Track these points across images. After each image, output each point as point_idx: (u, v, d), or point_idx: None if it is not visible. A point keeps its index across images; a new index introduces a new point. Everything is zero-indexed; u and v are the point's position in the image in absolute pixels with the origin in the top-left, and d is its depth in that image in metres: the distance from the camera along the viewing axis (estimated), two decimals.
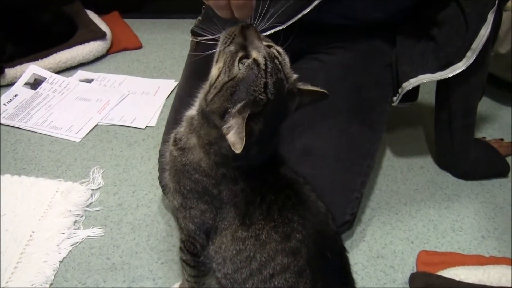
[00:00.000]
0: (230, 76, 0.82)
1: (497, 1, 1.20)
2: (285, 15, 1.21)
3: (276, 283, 0.86)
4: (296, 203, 0.90)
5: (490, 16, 1.21)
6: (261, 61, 0.81)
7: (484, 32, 1.22)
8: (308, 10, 1.19)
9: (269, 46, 0.85)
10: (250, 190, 0.90)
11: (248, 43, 0.84)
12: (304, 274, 0.86)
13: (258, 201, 0.89)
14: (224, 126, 0.81)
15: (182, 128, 0.97)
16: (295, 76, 0.88)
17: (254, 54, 0.82)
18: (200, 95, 0.91)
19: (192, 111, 0.95)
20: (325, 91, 0.88)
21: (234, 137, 0.80)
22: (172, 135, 0.99)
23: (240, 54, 0.83)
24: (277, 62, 0.83)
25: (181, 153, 0.94)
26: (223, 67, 0.83)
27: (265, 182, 0.91)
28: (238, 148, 0.78)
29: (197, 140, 0.92)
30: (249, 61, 0.81)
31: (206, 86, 0.88)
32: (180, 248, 1.04)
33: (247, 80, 0.81)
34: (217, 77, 0.84)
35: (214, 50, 0.88)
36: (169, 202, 1.12)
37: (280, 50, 0.87)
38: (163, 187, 1.24)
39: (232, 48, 0.84)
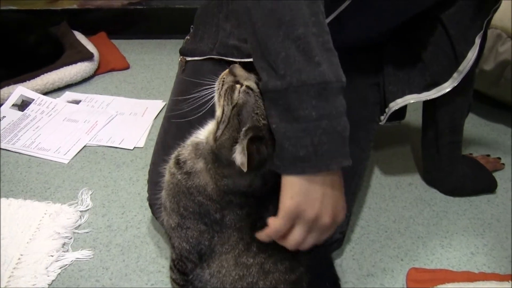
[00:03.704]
0: (232, 104, 0.86)
1: (484, 26, 1.22)
2: None
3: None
4: None
5: (478, 40, 1.23)
6: (254, 86, 0.86)
7: (472, 55, 1.24)
8: None
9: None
10: (255, 216, 0.91)
11: (239, 77, 0.89)
12: None
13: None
14: (234, 155, 0.84)
15: (185, 151, 0.98)
16: None
17: (246, 82, 0.87)
18: (208, 136, 0.94)
19: (199, 137, 0.97)
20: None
21: (240, 157, 0.83)
22: (173, 156, 1.00)
23: (236, 85, 0.88)
24: None
25: (187, 177, 0.95)
26: (224, 102, 0.88)
27: (267, 210, 0.91)
28: (244, 167, 0.81)
29: (205, 166, 0.93)
30: (243, 87, 0.86)
31: (213, 127, 0.91)
32: (170, 267, 1.05)
33: (248, 104, 0.85)
34: (222, 113, 0.88)
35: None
36: (160, 221, 1.12)
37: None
38: (152, 206, 1.24)
39: (226, 86, 0.89)
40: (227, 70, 0.93)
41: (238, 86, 0.89)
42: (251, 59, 1.11)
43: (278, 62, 0.80)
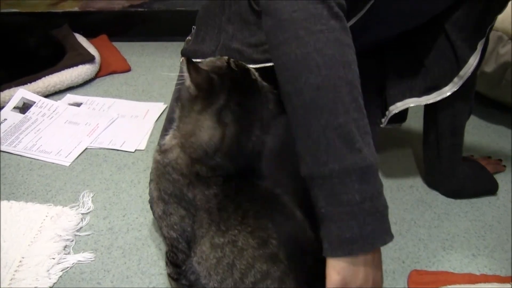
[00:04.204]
0: None
1: (487, 33, 1.22)
2: None
3: None
4: (271, 211, 0.93)
5: (480, 46, 1.23)
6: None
7: (473, 61, 1.24)
8: None
9: None
10: (223, 197, 0.93)
11: None
12: (286, 280, 0.87)
13: (232, 208, 0.92)
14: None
15: (167, 137, 1.02)
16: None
17: None
18: None
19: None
20: None
21: (187, 81, 0.91)
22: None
23: None
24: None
25: (163, 155, 0.99)
26: None
27: (241, 191, 0.94)
28: (191, 89, 0.90)
29: (178, 140, 0.96)
30: None
31: None
32: (166, 263, 1.06)
33: None
34: None
35: None
36: (153, 215, 1.13)
37: None
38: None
39: None
40: None
41: None
42: (253, 65, 1.11)
43: (321, 150, 0.81)
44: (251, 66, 1.17)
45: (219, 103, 0.91)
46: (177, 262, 1.02)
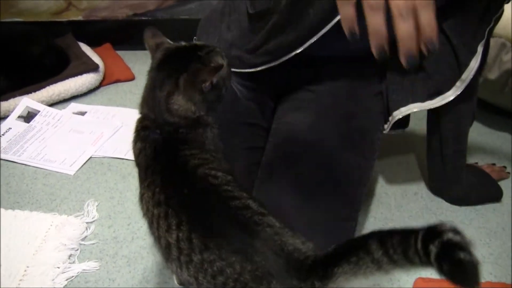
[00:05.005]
0: None
1: (486, 34, 1.22)
2: (277, 54, 1.22)
3: (161, 234, 0.87)
4: (165, 164, 0.93)
5: (480, 49, 1.23)
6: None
7: (474, 64, 1.24)
8: (301, 49, 1.20)
9: None
10: (148, 153, 0.96)
11: None
12: (168, 215, 0.87)
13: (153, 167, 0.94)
14: None
15: None
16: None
17: None
18: None
19: None
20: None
21: None
22: None
23: None
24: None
25: None
26: None
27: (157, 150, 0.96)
28: None
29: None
30: None
31: None
32: None
33: None
34: None
35: None
36: None
37: None
38: None
39: None
40: None
41: None
42: (252, 69, 1.12)
43: None
44: (251, 70, 1.18)
45: (152, 67, 0.99)
46: None
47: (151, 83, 0.98)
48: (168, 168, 0.92)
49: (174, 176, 0.91)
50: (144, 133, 0.98)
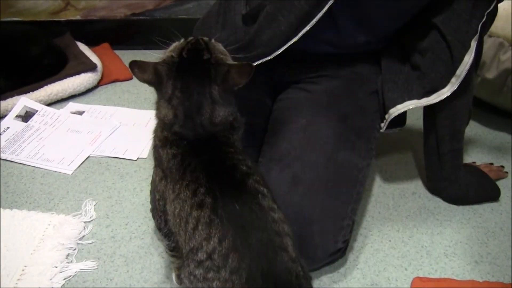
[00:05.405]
0: None
1: (479, 29, 1.22)
2: (271, 46, 1.22)
3: (197, 237, 0.89)
4: (206, 164, 0.95)
5: (473, 44, 1.23)
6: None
7: (468, 59, 1.24)
8: (295, 39, 1.21)
9: None
10: (181, 158, 0.97)
11: None
12: (213, 223, 0.88)
13: (185, 168, 0.96)
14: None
15: None
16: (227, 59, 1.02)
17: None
18: None
19: None
20: (249, 63, 0.98)
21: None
22: None
23: None
24: (202, 42, 1.02)
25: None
26: None
27: (195, 153, 0.98)
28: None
29: (156, 118, 1.05)
30: None
31: None
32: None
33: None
34: None
35: None
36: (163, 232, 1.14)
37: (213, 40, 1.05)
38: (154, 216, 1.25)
39: None
40: None
41: None
42: None
43: None
44: None
45: (168, 92, 0.97)
46: (159, 223, 1.09)
47: (180, 104, 0.98)
48: (212, 169, 0.95)
49: (222, 181, 0.93)
50: (174, 138, 1.00)
